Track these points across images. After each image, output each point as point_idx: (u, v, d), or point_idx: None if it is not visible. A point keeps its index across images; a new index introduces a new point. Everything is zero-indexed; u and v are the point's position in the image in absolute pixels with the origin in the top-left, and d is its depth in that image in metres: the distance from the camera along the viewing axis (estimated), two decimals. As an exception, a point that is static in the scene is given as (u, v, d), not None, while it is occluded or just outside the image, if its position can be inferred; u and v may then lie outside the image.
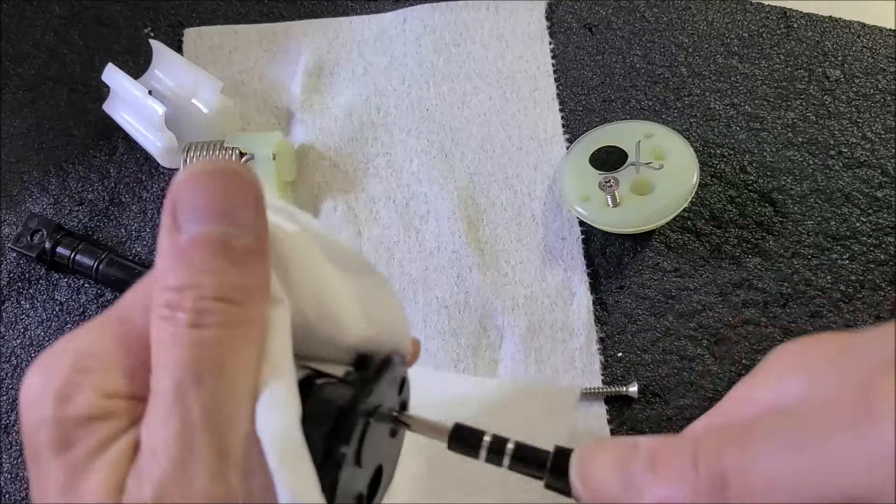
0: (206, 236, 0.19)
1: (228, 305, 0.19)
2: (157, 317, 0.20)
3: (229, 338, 0.19)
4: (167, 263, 0.20)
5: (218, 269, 0.19)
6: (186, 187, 0.20)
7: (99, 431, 0.19)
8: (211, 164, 0.20)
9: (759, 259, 0.41)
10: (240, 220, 0.20)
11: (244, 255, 0.20)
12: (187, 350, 0.19)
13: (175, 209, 0.20)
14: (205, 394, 0.19)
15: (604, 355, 0.39)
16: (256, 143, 0.43)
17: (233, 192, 0.20)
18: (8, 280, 0.44)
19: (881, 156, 0.42)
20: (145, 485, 0.19)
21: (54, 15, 0.52)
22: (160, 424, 0.19)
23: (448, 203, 0.43)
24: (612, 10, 0.48)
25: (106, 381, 0.20)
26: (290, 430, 0.19)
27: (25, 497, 0.39)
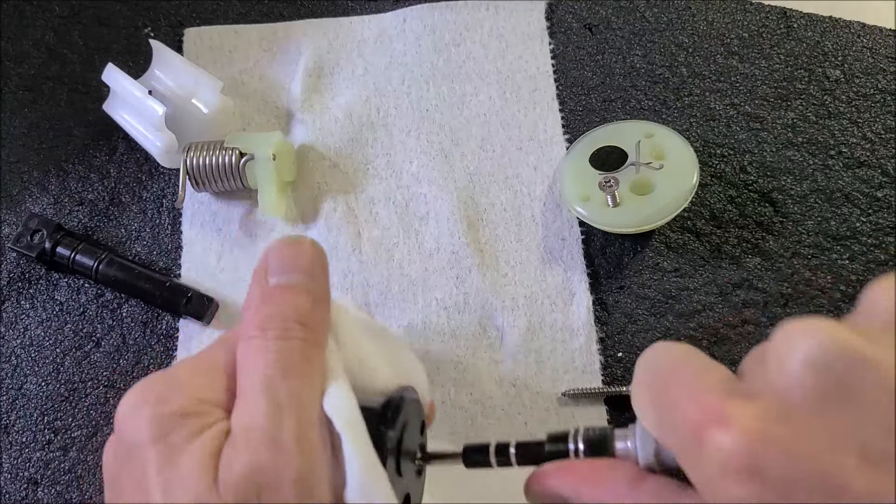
0: (288, 282, 0.26)
1: (305, 327, 0.25)
2: (247, 338, 0.25)
3: (307, 350, 0.24)
4: (255, 304, 0.26)
5: (297, 305, 0.25)
6: (274, 251, 0.27)
7: (193, 424, 0.23)
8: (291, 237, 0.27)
9: (759, 259, 0.41)
10: (312, 275, 0.26)
11: (315, 298, 0.26)
12: (275, 354, 0.24)
13: (266, 267, 0.26)
14: (290, 384, 0.23)
15: (604, 355, 0.39)
16: (256, 143, 0.43)
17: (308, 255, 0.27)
18: (8, 280, 0.44)
19: (881, 156, 0.42)
20: (241, 453, 0.22)
21: (54, 15, 0.52)
22: (252, 407, 0.23)
23: (448, 203, 0.43)
24: (612, 10, 0.48)
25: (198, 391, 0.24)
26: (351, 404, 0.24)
27: (25, 497, 0.39)
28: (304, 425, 0.23)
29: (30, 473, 0.40)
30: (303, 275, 0.26)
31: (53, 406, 0.41)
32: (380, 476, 0.23)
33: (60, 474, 0.40)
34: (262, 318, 0.25)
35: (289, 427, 0.22)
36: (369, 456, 0.23)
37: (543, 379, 0.39)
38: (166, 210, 0.46)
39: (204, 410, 0.24)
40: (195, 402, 0.24)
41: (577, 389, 0.38)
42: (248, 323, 0.25)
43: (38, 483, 0.40)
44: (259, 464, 0.22)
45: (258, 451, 0.22)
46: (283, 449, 0.22)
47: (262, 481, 0.21)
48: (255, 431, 0.22)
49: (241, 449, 0.22)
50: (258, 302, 0.26)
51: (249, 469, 0.22)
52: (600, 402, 0.38)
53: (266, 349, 0.24)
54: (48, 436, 0.41)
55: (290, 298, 0.26)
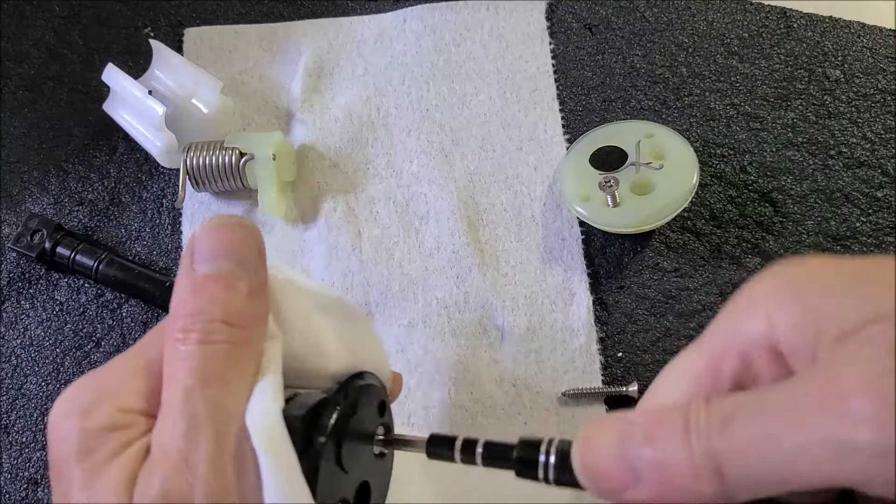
0: (216, 273, 0.24)
1: (232, 328, 0.23)
2: (171, 340, 0.23)
3: (232, 352, 0.23)
4: (182, 297, 0.24)
5: (225, 300, 0.23)
6: (202, 236, 0.24)
7: (116, 439, 0.23)
8: (222, 217, 0.25)
9: (759, 259, 0.41)
10: (245, 263, 0.24)
11: (248, 289, 0.24)
12: (196, 360, 0.22)
13: (192, 253, 0.24)
14: (209, 395, 0.22)
15: (604, 355, 0.39)
16: (256, 143, 0.43)
17: (240, 240, 0.24)
18: (8, 280, 0.44)
19: (881, 156, 0.42)
20: (154, 476, 0.21)
21: (54, 15, 0.52)
22: (169, 424, 0.22)
23: (448, 203, 0.43)
24: (612, 10, 0.48)
25: (123, 399, 0.23)
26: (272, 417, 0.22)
27: (25, 497, 0.39)
28: (221, 443, 0.21)
29: (30, 473, 0.40)
30: (232, 262, 0.24)
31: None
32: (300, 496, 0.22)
33: (60, 474, 0.40)
34: (187, 315, 0.23)
35: (204, 447, 0.21)
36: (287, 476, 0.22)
37: (543, 379, 0.39)
38: (166, 210, 0.46)
39: (128, 423, 0.23)
40: (120, 413, 0.23)
41: (577, 389, 0.38)
42: (174, 320, 0.24)
43: (38, 483, 0.40)
44: (170, 490, 0.21)
45: (170, 476, 0.21)
46: (196, 473, 0.21)
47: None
48: (171, 453, 0.21)
49: (154, 472, 0.21)
50: (184, 295, 0.24)
51: (161, 495, 0.21)
52: (600, 402, 0.38)
53: (187, 355, 0.23)
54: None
55: (218, 292, 0.23)
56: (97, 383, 0.24)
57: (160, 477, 0.21)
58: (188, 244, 0.25)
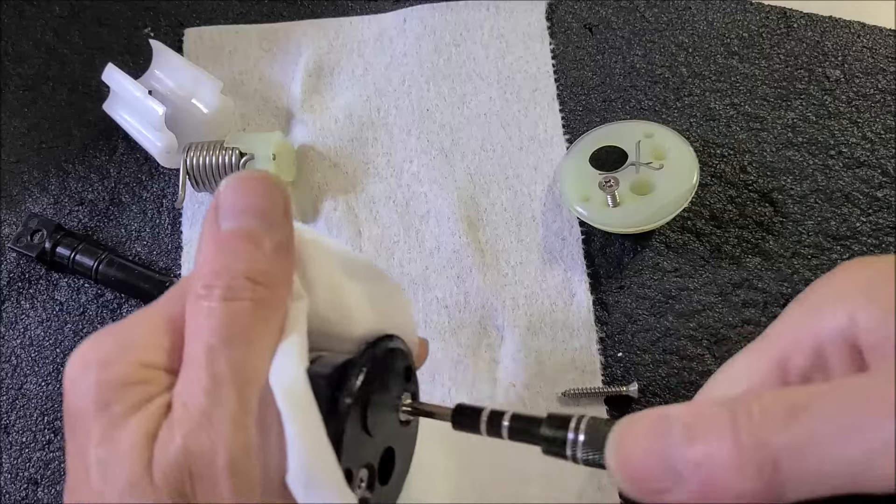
0: (241, 229, 0.23)
1: (257, 285, 0.22)
2: (194, 296, 0.22)
3: (256, 310, 0.22)
4: (206, 253, 0.23)
5: (250, 256, 0.22)
6: (226, 191, 0.23)
7: (136, 394, 0.22)
8: (249, 172, 0.24)
9: (759, 259, 0.41)
10: (270, 218, 0.23)
11: (273, 246, 0.23)
12: (219, 318, 0.22)
13: (217, 209, 0.23)
14: (233, 354, 0.21)
15: (604, 355, 0.39)
16: (256, 143, 0.43)
17: (265, 195, 0.23)
18: (8, 280, 0.44)
19: (881, 156, 0.42)
20: (176, 432, 0.21)
21: (54, 15, 0.52)
22: (192, 381, 0.21)
23: (448, 203, 0.43)
24: (612, 10, 0.48)
25: (144, 354, 0.23)
26: (296, 377, 0.21)
27: (25, 497, 0.39)
28: (245, 404, 0.21)
29: (30, 473, 0.40)
30: (259, 219, 0.23)
31: (53, 406, 0.41)
32: (325, 458, 0.21)
33: (60, 474, 0.40)
34: (211, 272, 0.22)
35: (226, 406, 0.21)
36: (312, 437, 0.21)
37: (543, 379, 0.39)
38: (166, 210, 0.46)
39: (148, 377, 0.22)
40: (140, 367, 0.22)
41: (577, 389, 0.38)
42: (197, 275, 0.23)
43: (38, 483, 0.40)
44: (191, 447, 0.20)
45: (192, 433, 0.21)
46: (218, 430, 0.20)
47: (193, 466, 0.20)
48: (192, 410, 0.21)
49: (176, 430, 0.21)
50: (208, 251, 0.23)
51: (182, 452, 0.20)
52: (600, 402, 0.38)
53: (210, 313, 0.22)
54: (48, 436, 0.41)
55: (243, 249, 0.23)
56: (117, 337, 0.23)
57: (182, 433, 0.21)
58: (213, 200, 0.24)
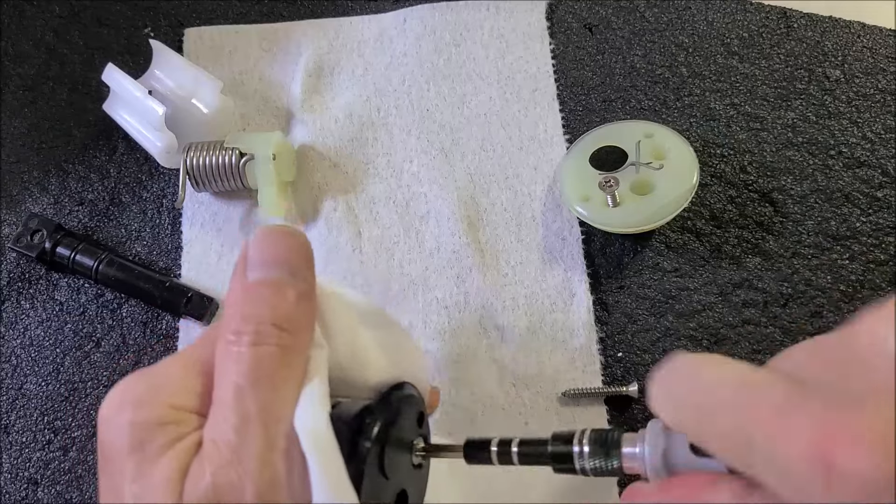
0: (267, 279, 0.25)
1: (282, 332, 0.24)
2: (224, 342, 0.24)
3: (282, 355, 0.23)
4: (234, 301, 0.25)
5: (275, 304, 0.24)
6: (253, 245, 0.25)
7: (168, 434, 0.23)
8: (275, 227, 0.25)
9: (759, 259, 0.41)
10: (294, 269, 0.25)
11: (297, 294, 0.25)
12: (247, 362, 0.23)
13: (245, 261, 0.25)
14: (260, 395, 0.23)
15: (604, 355, 0.39)
16: (256, 143, 0.43)
17: (290, 247, 0.25)
18: (8, 280, 0.44)
19: (881, 156, 0.42)
20: (206, 468, 0.22)
21: (54, 15, 0.52)
22: (221, 419, 0.23)
23: (448, 203, 0.43)
24: (612, 10, 0.48)
25: (175, 396, 0.24)
26: (319, 420, 0.23)
27: (25, 497, 0.39)
28: (271, 442, 0.22)
29: (30, 473, 0.40)
30: (283, 270, 0.25)
31: (53, 406, 0.41)
32: (347, 496, 0.22)
33: (60, 474, 0.40)
34: (239, 319, 0.24)
35: (253, 443, 0.22)
36: (335, 477, 0.22)
37: (543, 379, 0.39)
38: (166, 210, 0.46)
39: (180, 419, 0.24)
40: (172, 409, 0.24)
41: (577, 389, 0.38)
42: (227, 322, 0.24)
43: (38, 483, 0.40)
44: (220, 482, 0.22)
45: (221, 469, 0.22)
46: (246, 467, 0.22)
47: (223, 499, 0.22)
48: (222, 446, 0.22)
49: (206, 465, 0.22)
50: (237, 299, 0.25)
51: (212, 487, 0.22)
52: (600, 402, 0.38)
53: (239, 357, 0.23)
54: (48, 436, 0.41)
55: (269, 297, 0.24)
56: (149, 379, 0.25)
57: (212, 469, 0.22)
58: (242, 249, 0.26)
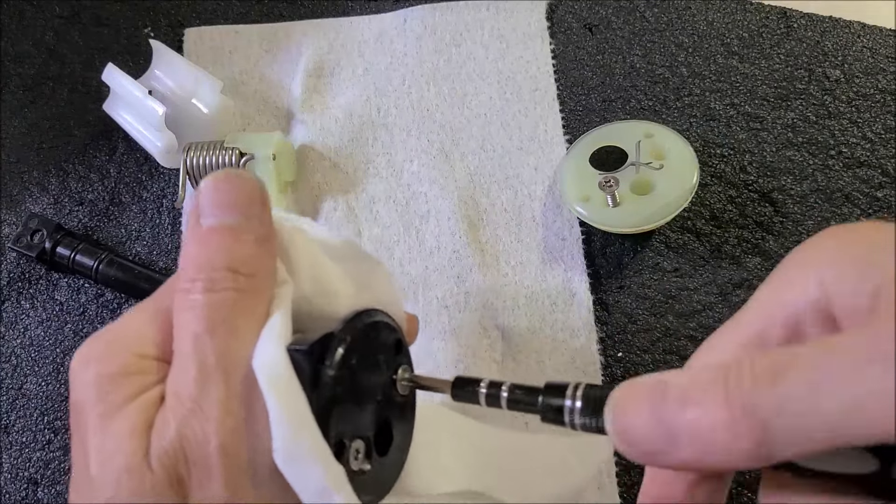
0: (220, 224, 0.24)
1: (238, 275, 0.23)
2: (180, 292, 0.24)
3: (239, 300, 0.23)
4: (188, 250, 0.24)
5: (230, 249, 0.24)
6: (205, 191, 0.24)
7: (132, 384, 0.23)
8: (224, 171, 0.25)
9: (759, 259, 0.41)
10: (248, 212, 0.24)
11: (253, 238, 0.24)
12: (202, 310, 0.23)
13: (198, 209, 0.24)
14: (218, 343, 0.22)
15: (604, 355, 0.39)
16: (256, 143, 0.43)
17: (242, 191, 0.24)
18: (8, 280, 0.44)
19: (881, 156, 0.42)
20: (170, 420, 0.22)
21: (54, 15, 0.52)
22: (181, 372, 0.22)
23: (448, 203, 0.43)
24: (612, 10, 0.48)
25: (137, 346, 0.24)
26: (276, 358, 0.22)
27: (25, 497, 0.39)
28: (231, 387, 0.22)
29: (30, 473, 0.40)
30: (237, 214, 0.24)
31: (53, 406, 0.41)
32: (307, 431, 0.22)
33: (60, 474, 0.40)
34: (193, 266, 0.24)
35: (214, 393, 0.22)
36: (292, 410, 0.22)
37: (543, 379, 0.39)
38: (166, 210, 0.46)
39: (143, 368, 0.24)
40: (136, 358, 0.24)
41: (577, 389, 0.38)
42: (183, 272, 0.24)
43: (38, 483, 0.40)
44: (185, 434, 0.22)
45: (185, 421, 0.22)
46: (208, 417, 0.22)
47: (188, 452, 0.22)
48: (184, 398, 0.22)
49: (170, 418, 0.22)
50: (190, 248, 0.24)
51: (177, 439, 0.22)
52: (600, 402, 0.38)
53: (194, 304, 0.23)
54: (48, 436, 0.41)
55: (222, 242, 0.24)
56: (112, 334, 0.25)
57: (175, 421, 0.22)
58: (194, 197, 0.25)
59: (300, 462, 0.22)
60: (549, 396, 0.24)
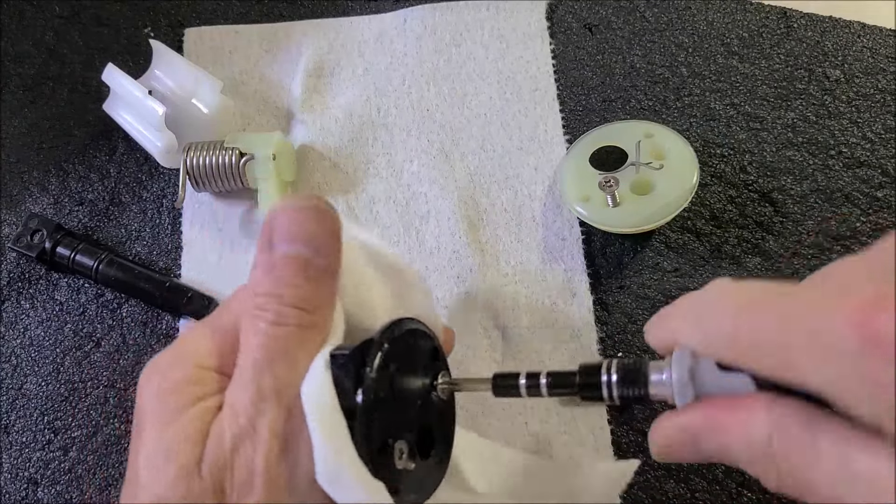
0: (292, 256, 0.25)
1: (301, 312, 0.25)
2: (249, 315, 0.25)
3: (298, 334, 0.25)
4: (260, 274, 0.26)
5: (298, 284, 0.25)
6: (282, 215, 0.25)
7: (191, 392, 0.25)
8: (305, 199, 0.26)
9: (759, 259, 0.41)
10: (320, 247, 0.25)
11: (319, 273, 0.25)
12: (267, 340, 0.24)
13: (271, 231, 0.26)
14: (276, 372, 0.24)
15: (604, 355, 0.39)
16: (256, 143, 0.43)
17: (319, 224, 0.25)
18: (8, 280, 0.44)
19: (881, 156, 0.42)
20: (226, 433, 0.24)
21: (54, 15, 0.52)
22: (241, 390, 0.24)
23: (448, 203, 0.43)
24: (612, 10, 0.48)
25: (200, 357, 0.26)
26: (322, 385, 0.24)
27: (25, 497, 0.39)
28: (282, 413, 0.24)
29: (30, 473, 0.40)
30: (309, 247, 0.25)
31: (53, 406, 0.41)
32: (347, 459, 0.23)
33: (60, 474, 0.40)
34: (263, 295, 0.25)
35: (268, 416, 0.24)
36: (335, 440, 0.23)
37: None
38: (166, 210, 0.46)
39: (203, 378, 0.25)
40: (196, 369, 0.25)
41: (577, 389, 0.38)
42: (252, 295, 0.25)
43: (38, 483, 0.40)
44: (238, 450, 0.23)
45: (238, 438, 0.23)
46: (260, 438, 0.23)
47: (236, 466, 0.23)
48: (241, 416, 0.24)
49: (226, 429, 0.24)
50: (262, 273, 0.26)
51: (230, 454, 0.23)
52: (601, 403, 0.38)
53: (258, 332, 0.25)
54: (48, 436, 0.41)
55: (292, 276, 0.25)
56: (176, 348, 0.27)
57: (230, 436, 0.24)
58: (267, 218, 0.26)
59: (341, 482, 0.23)
60: (586, 376, 0.26)
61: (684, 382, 0.23)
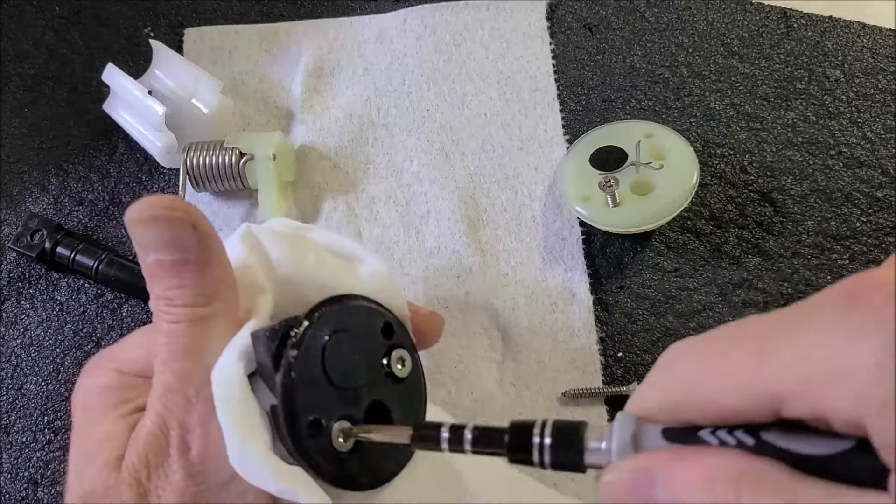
0: (162, 261, 0.25)
1: (193, 308, 0.25)
2: (155, 318, 0.26)
3: (199, 327, 0.25)
4: (147, 281, 0.26)
5: (181, 284, 0.25)
6: (138, 229, 0.25)
7: (113, 396, 0.27)
8: (150, 208, 0.25)
9: (759, 259, 0.41)
10: (183, 246, 0.25)
11: (195, 268, 0.25)
12: (168, 339, 0.25)
13: (137, 242, 0.26)
14: (178, 367, 0.25)
15: (604, 355, 0.39)
16: (256, 143, 0.43)
17: (167, 228, 0.25)
18: (8, 280, 0.44)
19: (881, 156, 0.42)
20: (141, 430, 0.25)
21: (54, 15, 0.52)
22: (152, 390, 0.26)
23: (448, 203, 0.43)
24: (612, 10, 0.48)
25: (122, 363, 0.28)
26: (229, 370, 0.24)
27: (25, 497, 0.39)
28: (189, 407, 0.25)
29: (30, 473, 0.40)
30: (171, 251, 0.25)
31: (53, 406, 0.41)
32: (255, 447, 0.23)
33: (60, 474, 0.40)
34: (157, 298, 0.26)
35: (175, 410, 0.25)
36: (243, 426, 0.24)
37: (543, 379, 0.39)
38: (166, 210, 0.45)
39: (126, 383, 0.27)
40: (118, 374, 0.27)
41: (577, 389, 0.38)
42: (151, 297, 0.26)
43: (38, 483, 0.40)
44: (151, 444, 0.25)
45: (151, 434, 0.25)
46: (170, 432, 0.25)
47: (150, 460, 0.25)
48: (152, 413, 0.25)
49: (141, 428, 0.25)
50: (147, 279, 0.26)
51: (143, 449, 0.25)
52: (600, 403, 0.38)
53: (163, 332, 0.26)
54: (48, 436, 0.41)
55: (171, 279, 0.25)
56: (108, 351, 0.28)
57: (145, 430, 0.25)
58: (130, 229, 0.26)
59: (251, 468, 0.23)
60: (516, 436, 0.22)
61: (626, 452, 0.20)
